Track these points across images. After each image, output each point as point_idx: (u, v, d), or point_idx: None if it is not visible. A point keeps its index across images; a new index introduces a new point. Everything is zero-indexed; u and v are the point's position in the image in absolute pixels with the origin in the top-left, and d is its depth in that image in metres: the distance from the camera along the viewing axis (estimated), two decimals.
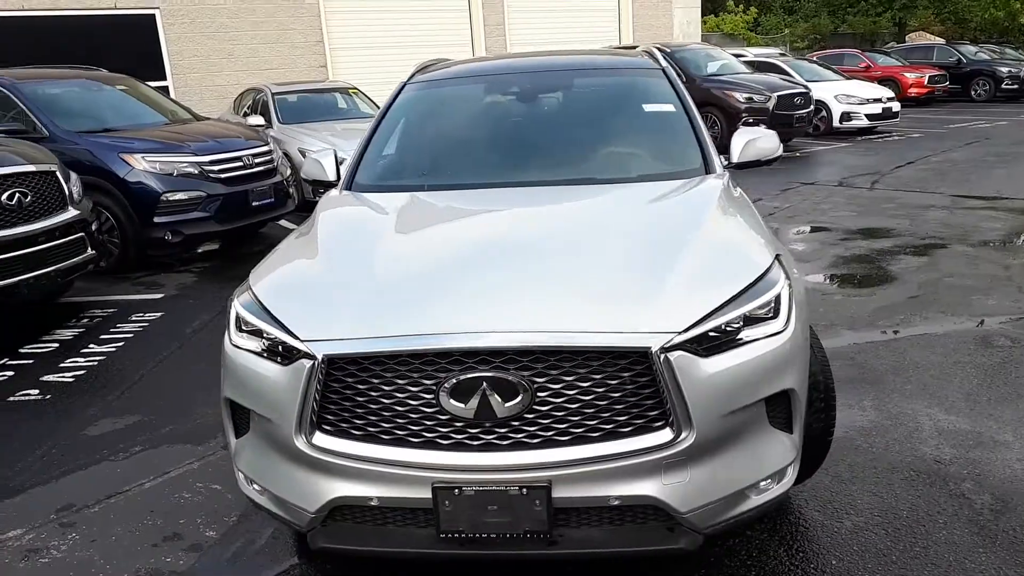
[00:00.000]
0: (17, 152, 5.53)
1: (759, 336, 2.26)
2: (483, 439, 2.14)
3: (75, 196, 5.78)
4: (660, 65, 3.82)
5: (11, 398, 4.39)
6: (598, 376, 2.11)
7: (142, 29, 13.47)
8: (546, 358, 2.10)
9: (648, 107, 3.66)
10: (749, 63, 15.56)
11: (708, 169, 3.28)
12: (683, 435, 2.13)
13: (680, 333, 2.13)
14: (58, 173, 5.61)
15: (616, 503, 2.16)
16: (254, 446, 2.44)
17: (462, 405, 2.10)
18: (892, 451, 3.28)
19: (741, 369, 2.19)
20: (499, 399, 2.09)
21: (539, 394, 2.10)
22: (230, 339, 2.47)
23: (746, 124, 12.74)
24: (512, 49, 16.72)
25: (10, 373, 4.76)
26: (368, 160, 3.54)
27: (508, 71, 4.01)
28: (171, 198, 7.00)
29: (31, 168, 5.34)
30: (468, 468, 2.13)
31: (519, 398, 2.09)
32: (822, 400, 2.70)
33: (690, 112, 3.53)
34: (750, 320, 2.28)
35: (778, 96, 12.86)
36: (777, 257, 2.51)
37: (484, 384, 2.09)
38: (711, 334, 2.19)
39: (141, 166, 6.97)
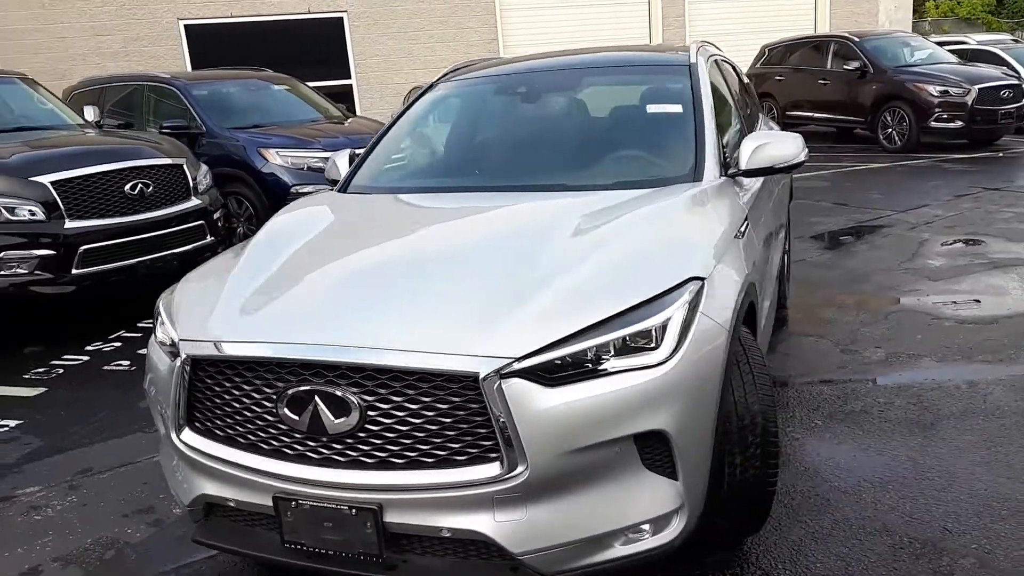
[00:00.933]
0: (154, 147, 6.20)
1: (628, 367, 2.03)
2: (323, 453, 2.11)
3: (200, 187, 6.36)
4: (691, 61, 3.51)
5: (106, 367, 4.93)
6: (428, 399, 2.00)
7: (331, 31, 14.51)
8: (378, 376, 2.02)
9: (653, 108, 3.39)
10: (961, 52, 13.89)
11: (697, 176, 2.97)
12: (516, 470, 1.96)
13: (519, 359, 1.96)
14: (185, 166, 6.20)
15: (447, 535, 2.05)
16: (163, 438, 2.57)
17: (296, 417, 2.09)
18: (898, 510, 2.82)
19: (595, 403, 1.99)
20: (330, 415, 2.05)
21: (370, 413, 2.03)
22: (154, 334, 2.61)
23: (939, 120, 11.43)
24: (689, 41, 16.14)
25: (118, 344, 5.35)
26: (371, 161, 3.58)
27: (522, 72, 3.88)
28: (300, 191, 7.49)
29: (157, 161, 5.95)
30: (306, 481, 2.11)
31: (350, 415, 2.04)
32: (758, 444, 2.37)
33: (699, 114, 3.22)
34: (627, 348, 2.05)
35: (979, 89, 11.33)
36: (692, 280, 2.23)
37: (316, 398, 2.06)
38: (558, 362, 1.99)
39: (275, 160, 7.53)
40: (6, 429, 4.06)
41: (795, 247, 6.68)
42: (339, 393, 2.03)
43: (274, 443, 2.16)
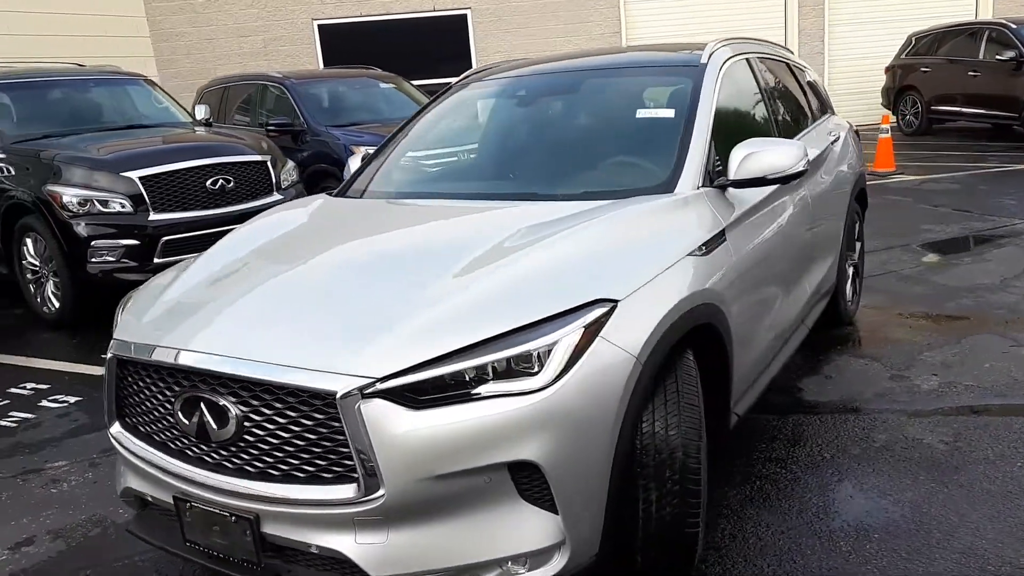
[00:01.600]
0: (241, 144, 6.57)
1: (503, 392, 1.94)
2: (215, 458, 2.16)
3: (284, 183, 6.67)
4: (701, 62, 3.29)
5: None
6: (296, 415, 2.00)
7: (455, 28, 14.78)
8: (253, 388, 2.04)
9: (643, 113, 3.19)
10: None
11: (670, 187, 2.79)
12: (374, 493, 1.92)
13: (381, 380, 1.92)
14: (268, 163, 6.53)
15: (316, 551, 2.04)
16: None
17: (187, 422, 2.15)
18: (872, 563, 2.53)
19: (461, 429, 1.91)
20: (213, 423, 2.10)
21: (246, 424, 2.06)
22: None
23: None
24: (829, 29, 15.18)
25: None
26: (375, 164, 3.61)
27: (522, 76, 3.76)
28: None
29: (240, 158, 6.29)
30: (198, 484, 2.17)
31: (229, 424, 2.07)
32: (676, 480, 2.20)
33: (692, 120, 3.01)
34: (510, 372, 1.96)
35: None
36: (598, 302, 2.09)
37: (202, 405, 2.11)
38: (426, 384, 1.93)
39: None
40: (64, 405, 4.44)
41: (891, 257, 6.17)
42: (221, 402, 2.07)
43: (178, 444, 2.24)
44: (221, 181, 6.10)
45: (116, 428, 2.42)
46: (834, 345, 4.48)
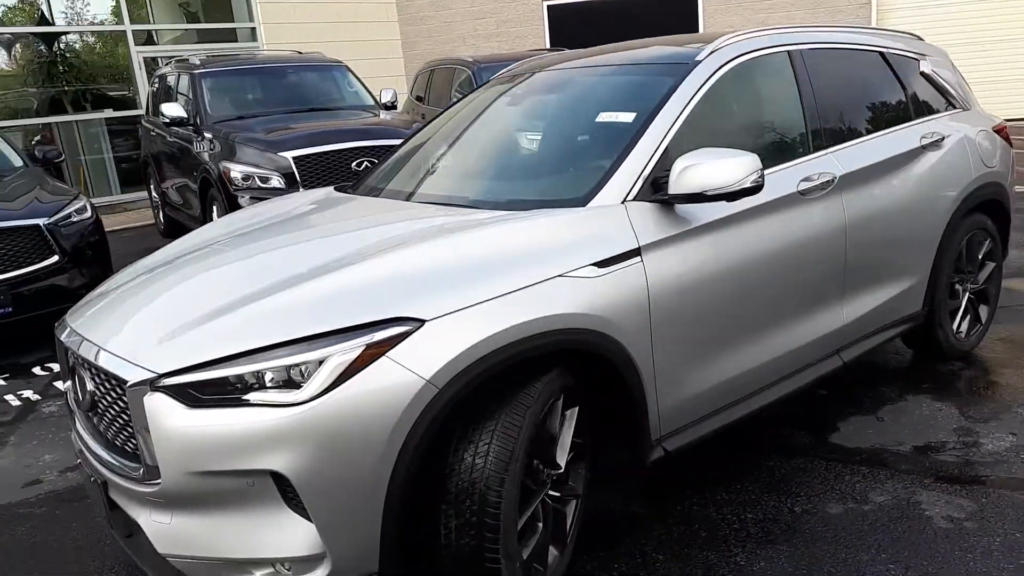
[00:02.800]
0: (392, 128, 7.02)
1: (267, 401, 2.01)
2: (90, 425, 2.46)
3: None
4: (695, 59, 2.99)
5: None
6: (114, 395, 2.23)
7: (683, 7, 14.24)
8: (95, 369, 2.30)
9: (604, 117, 2.95)
10: None
11: (585, 200, 2.59)
12: (155, 479, 2.10)
13: (164, 375, 2.07)
14: None
15: (132, 520, 2.26)
16: None
17: (81, 398, 2.46)
18: None
19: (224, 431, 2.02)
20: (79, 392, 2.40)
21: (95, 398, 2.33)
22: None
23: None
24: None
25: None
26: (389, 158, 3.73)
27: (528, 73, 3.60)
28: None
29: (385, 142, 6.73)
30: (84, 443, 2.48)
31: (85, 396, 2.37)
32: (475, 512, 2.13)
33: (647, 125, 2.76)
34: (286, 381, 2.02)
35: None
36: (396, 320, 2.06)
37: (75, 378, 2.43)
38: (203, 383, 2.04)
39: None
40: None
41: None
42: (84, 375, 2.37)
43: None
44: (366, 163, 6.58)
45: (65, 385, 2.82)
46: (919, 381, 3.84)
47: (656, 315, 2.54)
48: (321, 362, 2.00)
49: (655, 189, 2.65)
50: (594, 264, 2.41)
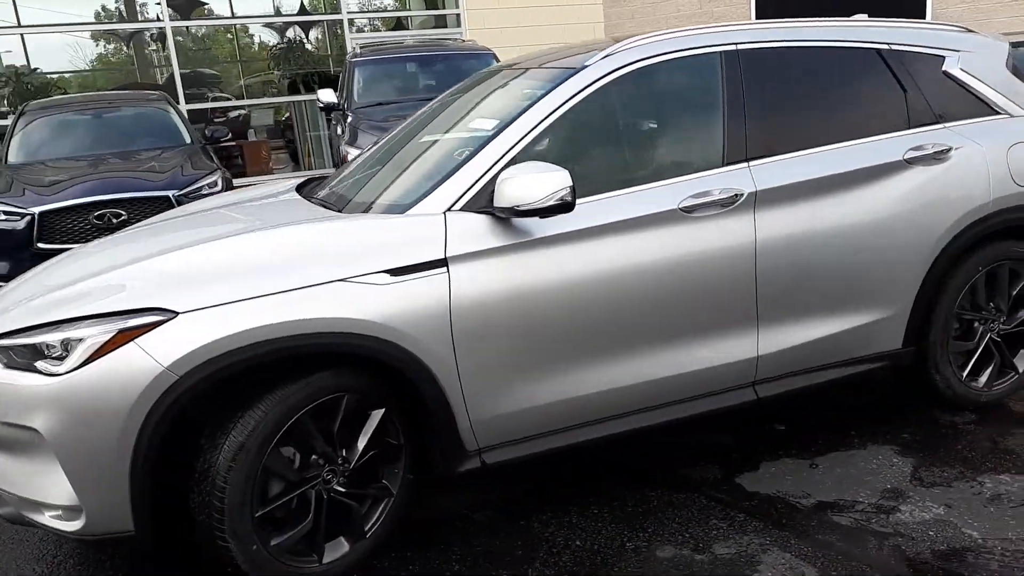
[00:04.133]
0: None
1: (42, 370, 2.33)
2: None
3: None
4: (580, 66, 2.86)
5: None
6: None
7: None
8: None
9: (475, 124, 2.90)
10: None
11: (407, 208, 2.64)
12: None
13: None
14: None
15: None
16: None
17: None
18: None
19: (14, 390, 2.35)
20: None
21: None
22: None
23: None
24: None
25: None
26: None
27: (490, 74, 3.58)
28: None
29: None
30: None
31: None
32: (206, 492, 2.36)
33: (498, 134, 2.72)
34: (64, 354, 2.34)
35: None
36: (150, 310, 2.31)
37: None
38: (9, 347, 2.40)
39: None
40: None
41: None
42: None
43: None
44: None
45: None
46: (901, 428, 3.36)
47: (460, 328, 2.54)
48: (79, 341, 2.31)
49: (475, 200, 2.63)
50: (385, 272, 2.48)
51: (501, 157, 2.67)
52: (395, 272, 2.49)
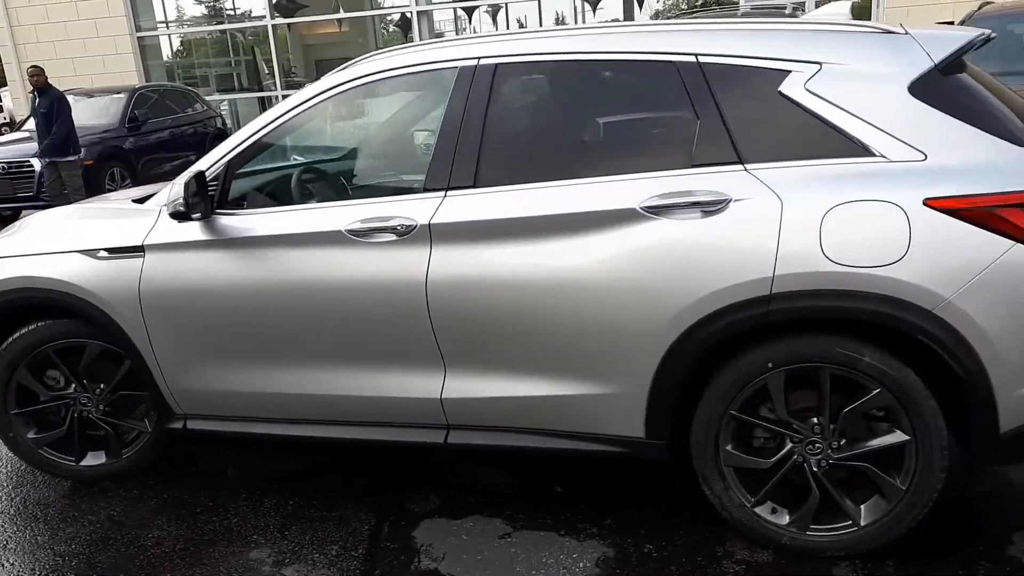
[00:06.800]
0: None
1: None
2: None
3: None
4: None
5: None
6: None
7: None
8: None
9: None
10: None
11: (145, 203, 3.18)
12: None
13: None
14: None
15: None
16: None
17: None
18: None
19: None
20: None
21: None
22: None
23: None
24: None
25: None
26: None
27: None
28: None
29: None
30: None
31: None
32: None
33: (225, 139, 3.02)
34: None
35: None
36: None
37: None
38: None
39: None
40: None
41: None
42: None
43: None
44: None
45: None
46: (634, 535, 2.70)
47: (147, 306, 3.00)
48: None
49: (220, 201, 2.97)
50: (105, 249, 3.08)
51: (217, 161, 2.97)
52: (111, 251, 3.05)
